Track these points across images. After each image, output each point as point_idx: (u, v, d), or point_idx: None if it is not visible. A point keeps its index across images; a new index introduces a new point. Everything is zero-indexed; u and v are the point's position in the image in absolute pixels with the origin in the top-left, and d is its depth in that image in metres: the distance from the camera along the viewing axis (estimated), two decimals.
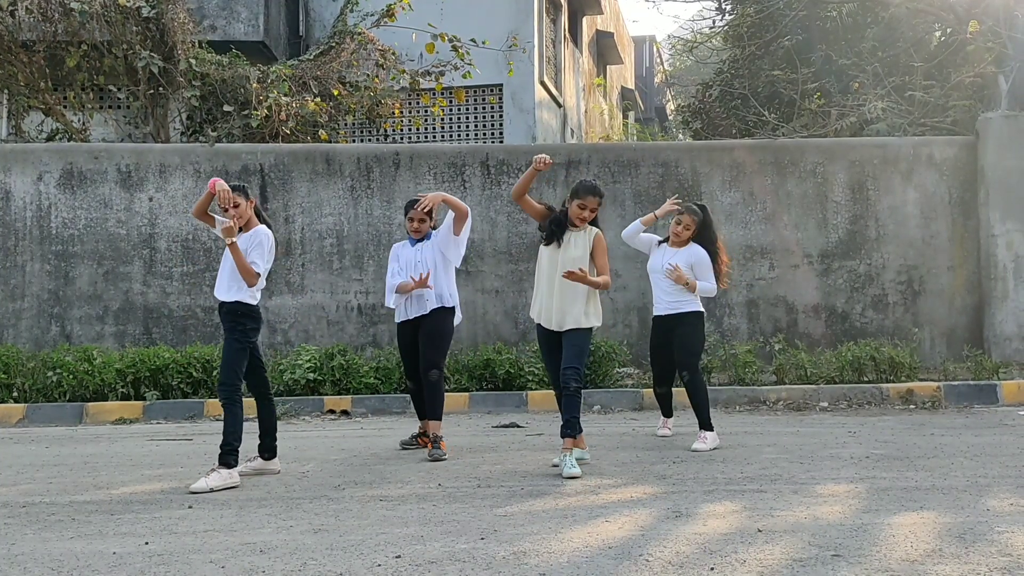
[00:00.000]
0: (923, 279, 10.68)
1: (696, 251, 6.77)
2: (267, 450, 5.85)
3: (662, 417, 7.25)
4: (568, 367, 5.66)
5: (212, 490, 5.24)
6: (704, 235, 6.82)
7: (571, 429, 5.62)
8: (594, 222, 5.89)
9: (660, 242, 6.98)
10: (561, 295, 5.76)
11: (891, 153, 10.86)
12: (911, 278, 10.70)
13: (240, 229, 5.60)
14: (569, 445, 5.61)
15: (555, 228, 5.86)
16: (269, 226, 5.78)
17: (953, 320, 10.66)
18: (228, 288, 5.60)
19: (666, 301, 6.75)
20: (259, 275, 5.57)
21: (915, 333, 10.34)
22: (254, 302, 5.64)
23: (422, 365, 6.41)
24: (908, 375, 9.27)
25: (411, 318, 6.48)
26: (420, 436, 6.66)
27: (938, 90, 12.97)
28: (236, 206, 5.50)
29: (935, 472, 5.36)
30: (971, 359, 9.62)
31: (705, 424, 6.59)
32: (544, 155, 5.68)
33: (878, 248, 10.73)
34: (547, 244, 5.87)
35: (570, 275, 5.62)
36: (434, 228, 6.65)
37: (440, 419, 6.38)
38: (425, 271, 6.39)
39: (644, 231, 7.00)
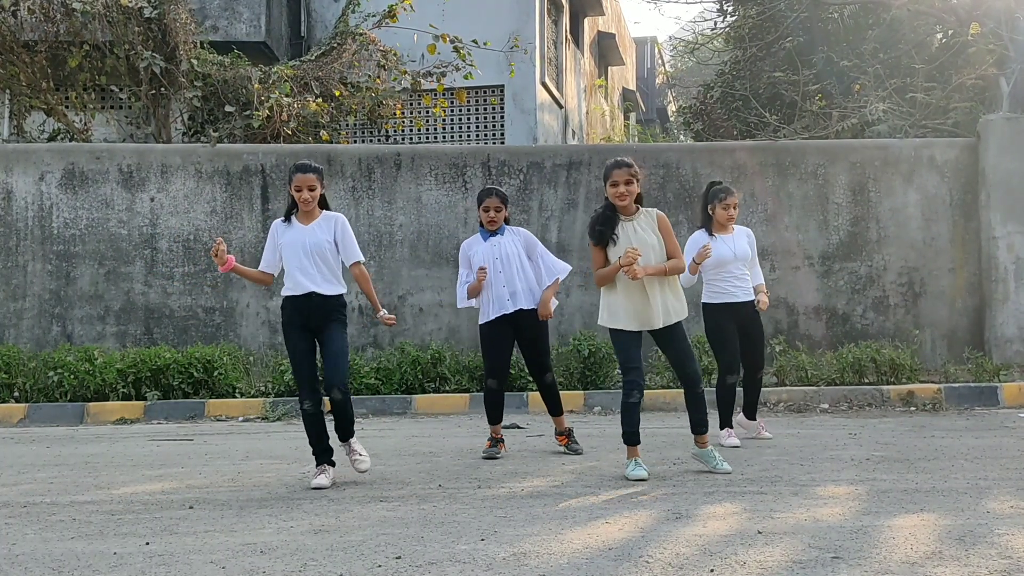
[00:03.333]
0: (924, 281, 10.68)
1: (747, 231, 6.75)
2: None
3: (743, 416, 6.89)
4: (695, 366, 5.50)
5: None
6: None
7: (706, 427, 5.55)
8: (638, 200, 5.41)
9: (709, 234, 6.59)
10: (660, 288, 5.33)
11: (892, 155, 10.85)
12: (912, 280, 10.70)
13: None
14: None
15: (603, 227, 5.32)
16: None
17: (954, 322, 10.65)
18: (327, 281, 5.71)
19: (743, 288, 6.57)
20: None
21: (916, 335, 10.33)
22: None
23: (536, 370, 6.49)
24: (909, 377, 9.27)
25: (507, 313, 6.30)
26: (502, 441, 6.46)
27: (939, 92, 12.97)
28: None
29: (935, 474, 5.36)
30: (972, 361, 9.62)
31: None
32: (632, 255, 5.13)
33: (879, 250, 10.72)
34: (602, 245, 5.31)
35: (632, 269, 5.13)
36: (506, 221, 6.45)
37: (563, 413, 6.60)
38: (503, 266, 6.28)
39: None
